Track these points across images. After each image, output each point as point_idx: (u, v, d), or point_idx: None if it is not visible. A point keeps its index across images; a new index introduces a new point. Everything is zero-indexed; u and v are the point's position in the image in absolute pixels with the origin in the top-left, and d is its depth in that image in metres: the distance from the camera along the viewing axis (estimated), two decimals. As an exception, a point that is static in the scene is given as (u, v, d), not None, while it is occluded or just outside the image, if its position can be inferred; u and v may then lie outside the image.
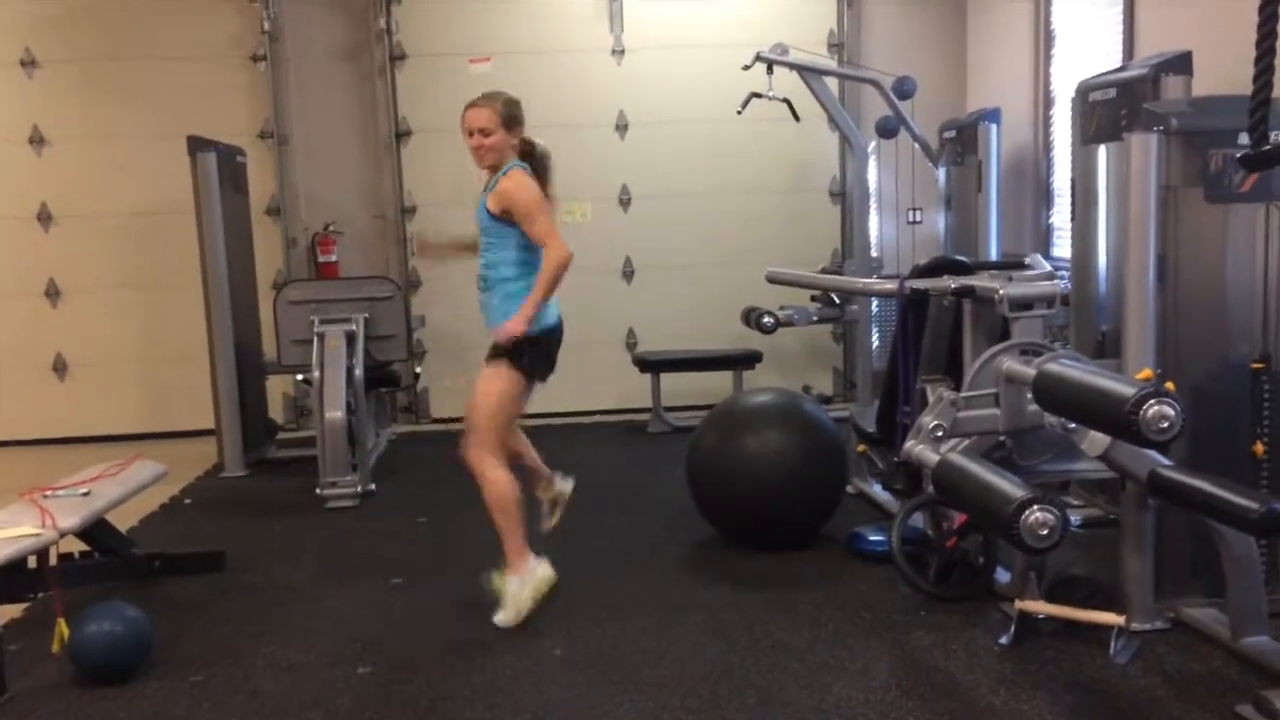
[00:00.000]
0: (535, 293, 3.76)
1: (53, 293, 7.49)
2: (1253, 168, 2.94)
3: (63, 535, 3.74)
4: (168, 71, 7.32)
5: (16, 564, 3.55)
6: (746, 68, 6.41)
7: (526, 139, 3.92)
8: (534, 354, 3.87)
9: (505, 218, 3.80)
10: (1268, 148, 2.49)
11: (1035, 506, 2.79)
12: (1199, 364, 3.66)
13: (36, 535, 3.61)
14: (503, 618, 3.84)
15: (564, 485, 4.38)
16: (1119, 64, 5.16)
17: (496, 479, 3.84)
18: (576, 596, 4.09)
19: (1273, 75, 2.45)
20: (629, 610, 4.01)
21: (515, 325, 3.75)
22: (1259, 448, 3.59)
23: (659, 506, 5.28)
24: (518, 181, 3.80)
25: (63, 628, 3.58)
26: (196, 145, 6.31)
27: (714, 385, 6.91)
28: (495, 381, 3.86)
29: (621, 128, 7.58)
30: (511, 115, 3.87)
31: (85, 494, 4.03)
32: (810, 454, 4.57)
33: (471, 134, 3.84)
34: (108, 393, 7.49)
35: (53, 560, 3.82)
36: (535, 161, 3.91)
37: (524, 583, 3.87)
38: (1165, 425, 2.72)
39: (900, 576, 4.01)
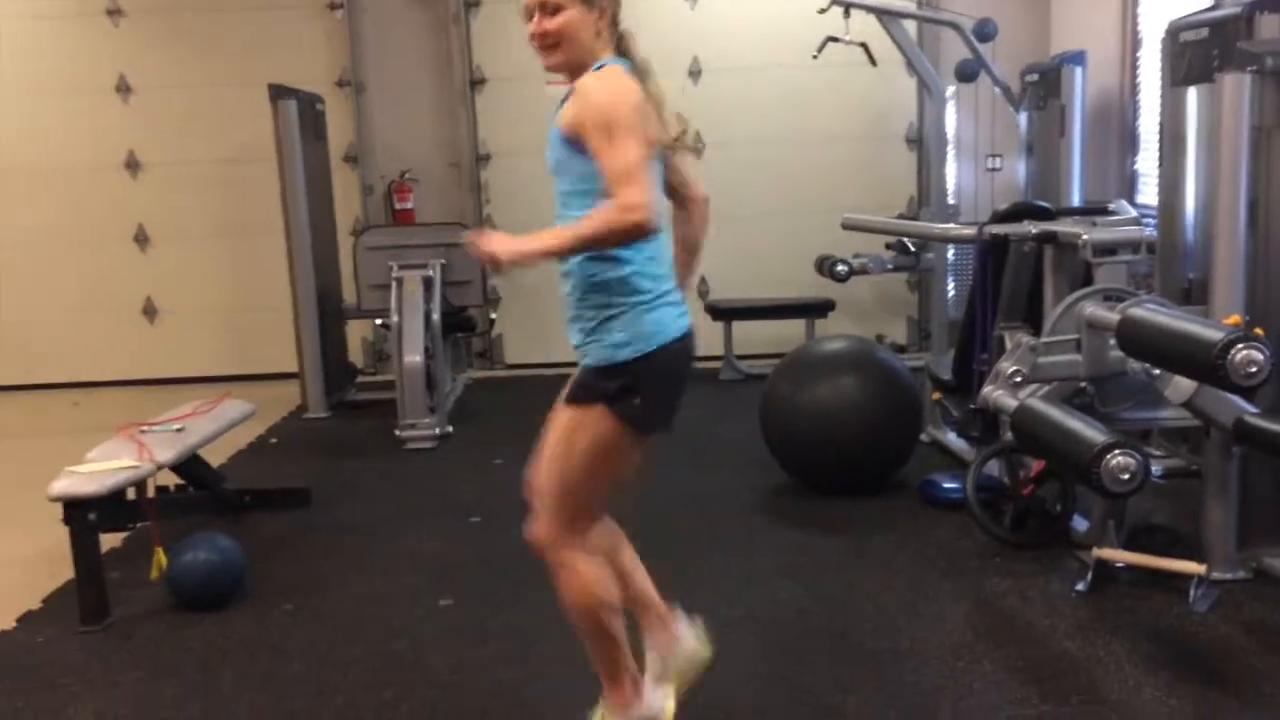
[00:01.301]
0: (560, 236, 2.27)
1: (141, 239, 7.70)
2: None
3: (159, 468, 3.90)
4: (248, 21, 7.42)
5: (116, 495, 3.71)
6: (822, 11, 6.34)
7: (625, 31, 2.50)
8: (648, 392, 2.39)
9: (577, 142, 2.33)
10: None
11: (1117, 450, 2.78)
12: (1289, 312, 3.58)
13: (135, 468, 3.77)
14: None
15: (688, 638, 2.74)
16: (1211, 3, 4.99)
17: (580, 572, 2.48)
18: (652, 538, 4.14)
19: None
20: (705, 552, 4.07)
21: (502, 246, 2.25)
22: (1349, 397, 3.51)
23: (732, 453, 5.31)
24: (604, 80, 2.34)
25: (160, 556, 3.75)
26: (277, 93, 6.42)
27: (786, 333, 6.90)
28: (578, 433, 2.42)
29: (695, 74, 7.53)
30: None
31: (179, 430, 4.19)
32: (884, 400, 4.56)
33: (531, 13, 2.42)
34: (195, 336, 7.72)
35: (150, 492, 3.99)
36: (638, 67, 2.48)
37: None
38: (1254, 370, 2.68)
39: (975, 523, 4.00)
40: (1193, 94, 4.27)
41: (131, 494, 3.85)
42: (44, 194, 7.58)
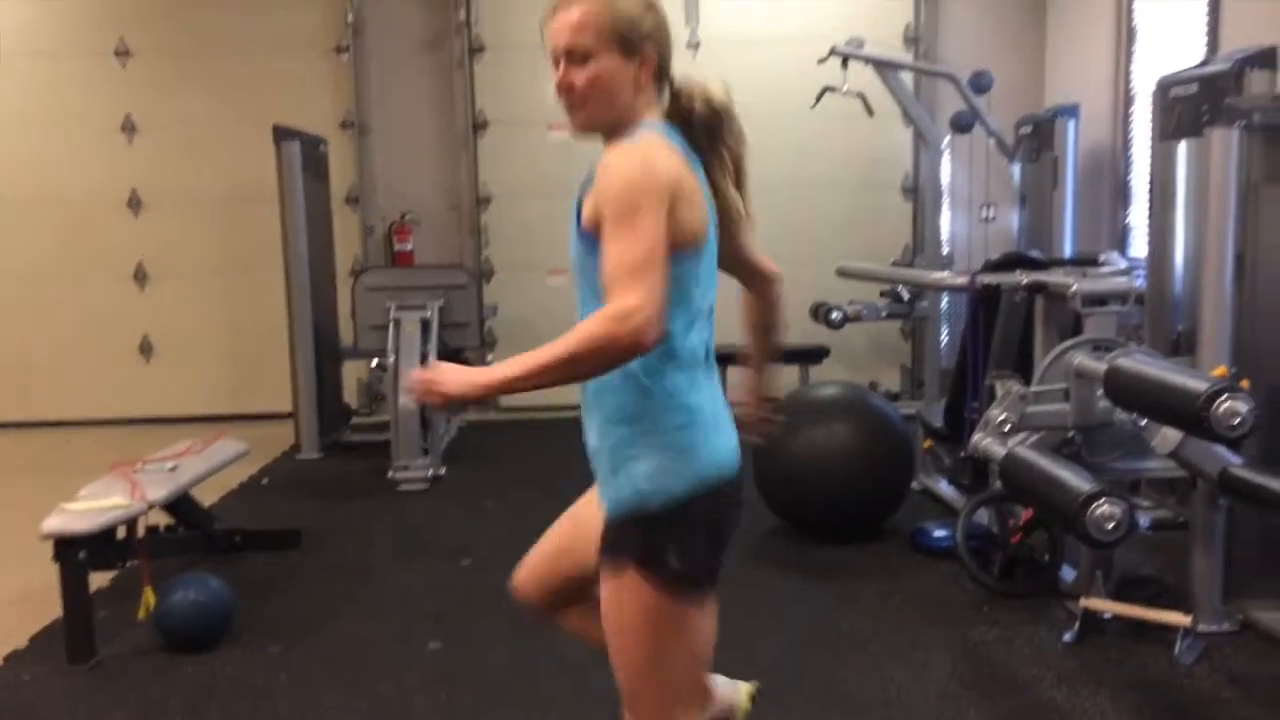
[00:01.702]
0: (525, 364, 1.77)
1: (141, 276, 7.75)
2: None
3: (150, 507, 3.89)
4: (254, 62, 7.53)
5: (107, 533, 3.70)
6: (821, 61, 6.43)
7: (681, 85, 2.01)
8: (684, 540, 1.90)
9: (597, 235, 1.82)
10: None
11: (1103, 499, 2.79)
12: (1275, 364, 3.60)
13: (126, 506, 3.77)
14: None
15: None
16: (1201, 60, 5.08)
17: None
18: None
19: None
20: (692, 597, 4.06)
21: (447, 379, 1.84)
22: (1336, 450, 3.53)
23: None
24: (630, 155, 1.83)
25: (149, 596, 3.75)
26: (281, 134, 6.50)
27: (781, 379, 6.92)
28: (623, 614, 1.92)
29: (694, 121, 7.61)
30: (630, 27, 1.90)
31: (172, 469, 4.19)
32: (876, 447, 4.58)
33: (557, 60, 1.92)
34: (191, 374, 7.74)
35: (140, 531, 3.98)
36: (699, 129, 2.00)
37: None
38: (1237, 421, 2.70)
39: (964, 571, 4.00)
40: (1182, 148, 4.34)
41: (122, 532, 3.85)
42: (45, 229, 7.65)
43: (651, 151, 1.83)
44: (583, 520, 2.09)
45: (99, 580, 4.04)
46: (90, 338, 7.74)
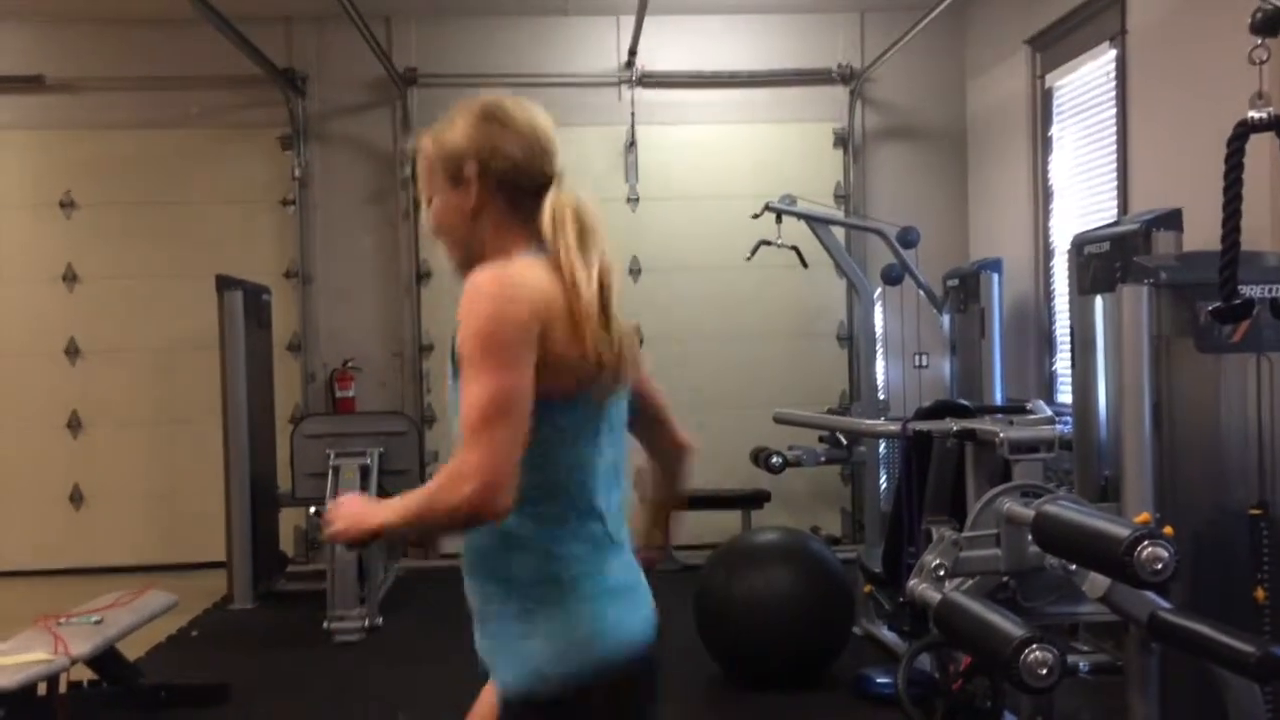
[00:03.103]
0: (384, 513, 1.73)
1: (74, 424, 7.63)
2: (1224, 320, 3.07)
3: (74, 662, 3.78)
4: (200, 214, 7.62)
5: (27, 690, 3.58)
6: (756, 216, 6.68)
7: (559, 204, 1.81)
8: None
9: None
10: (1237, 301, 2.62)
11: (1034, 645, 2.82)
12: (1197, 510, 3.71)
13: (48, 661, 3.66)
14: None
15: None
16: (1114, 218, 5.37)
17: None
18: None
19: (1239, 232, 2.60)
20: (634, 750, 3.99)
21: (344, 514, 1.77)
22: (1260, 594, 3.61)
23: (665, 643, 5.21)
24: (480, 288, 1.68)
25: (68, 757, 3.60)
26: (224, 284, 6.55)
27: (722, 524, 6.93)
28: None
29: (635, 272, 7.81)
30: (451, 156, 1.79)
31: (98, 622, 4.08)
32: (817, 593, 4.60)
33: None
34: (122, 524, 7.55)
35: (63, 687, 3.85)
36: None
37: None
38: (1159, 567, 2.77)
39: (907, 719, 3.98)
40: (1099, 302, 4.53)
41: (44, 689, 3.72)
42: (-23, 378, 7.55)
43: (512, 274, 1.65)
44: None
45: (16, 741, 3.87)
46: (19, 487, 7.54)
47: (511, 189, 1.76)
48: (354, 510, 1.73)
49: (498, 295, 1.62)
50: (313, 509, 6.78)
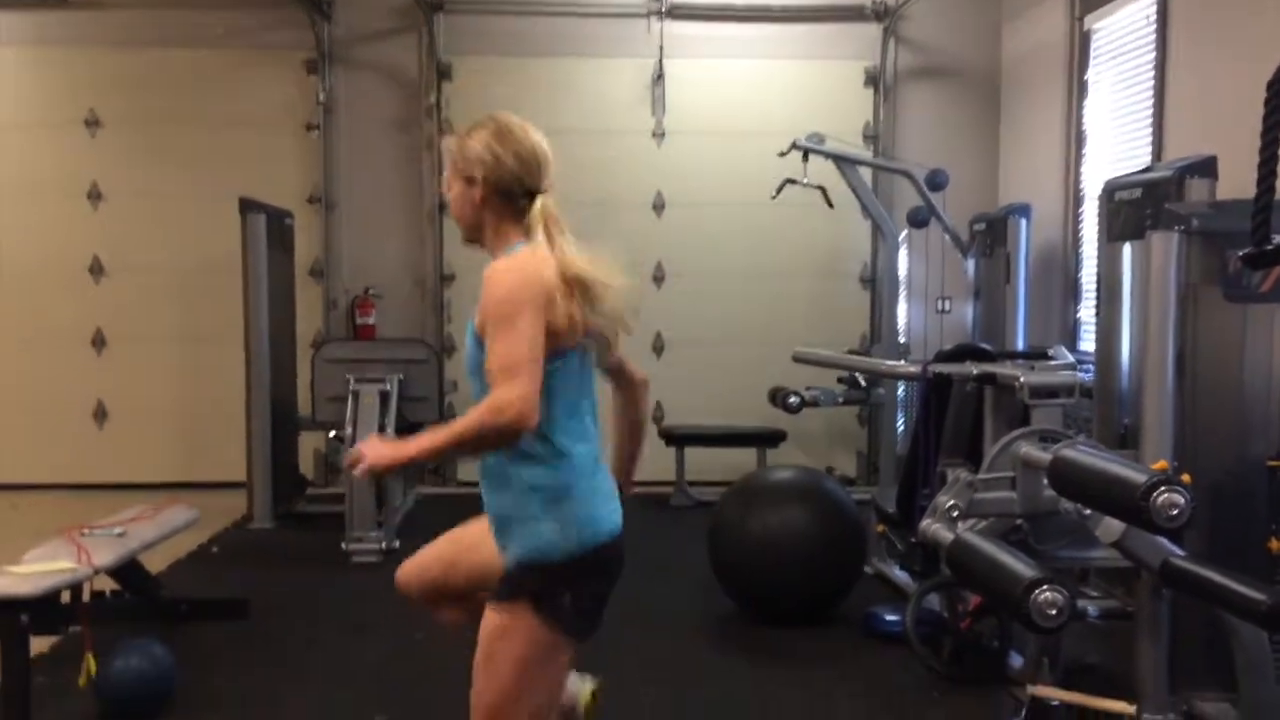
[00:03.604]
0: (431, 439, 2.19)
1: (99, 341, 7.70)
2: (1255, 266, 3.03)
3: (97, 572, 3.85)
4: (224, 135, 7.61)
5: (50, 597, 3.65)
6: (783, 155, 6.61)
7: (546, 206, 2.32)
8: (579, 589, 2.28)
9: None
10: (1269, 247, 2.58)
11: (1044, 586, 2.84)
12: (1216, 459, 3.70)
13: (72, 571, 3.72)
14: None
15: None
16: (1146, 166, 5.29)
17: None
18: (594, 661, 4.12)
19: (1276, 176, 2.55)
20: (647, 678, 4.06)
21: (374, 452, 2.20)
22: (1275, 544, 3.61)
23: (679, 578, 5.32)
24: (504, 270, 2.22)
25: (90, 663, 3.68)
26: (247, 207, 6.55)
27: (738, 462, 6.97)
28: (505, 642, 2.25)
29: (659, 207, 7.77)
30: (468, 163, 2.32)
31: (120, 534, 4.15)
32: (830, 531, 4.62)
33: None
34: (144, 441, 7.66)
35: (86, 596, 3.93)
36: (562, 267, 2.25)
37: None
38: (1175, 513, 2.77)
39: (915, 657, 4.03)
40: (1127, 249, 4.49)
41: (67, 597, 3.80)
42: (4, 291, 7.60)
43: (529, 262, 2.22)
44: (471, 545, 2.48)
45: (39, 645, 3.96)
46: (44, 402, 7.65)
47: (508, 193, 2.30)
48: (383, 446, 2.22)
49: (518, 278, 2.17)
50: (332, 433, 6.85)
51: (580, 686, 2.70)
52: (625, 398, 2.62)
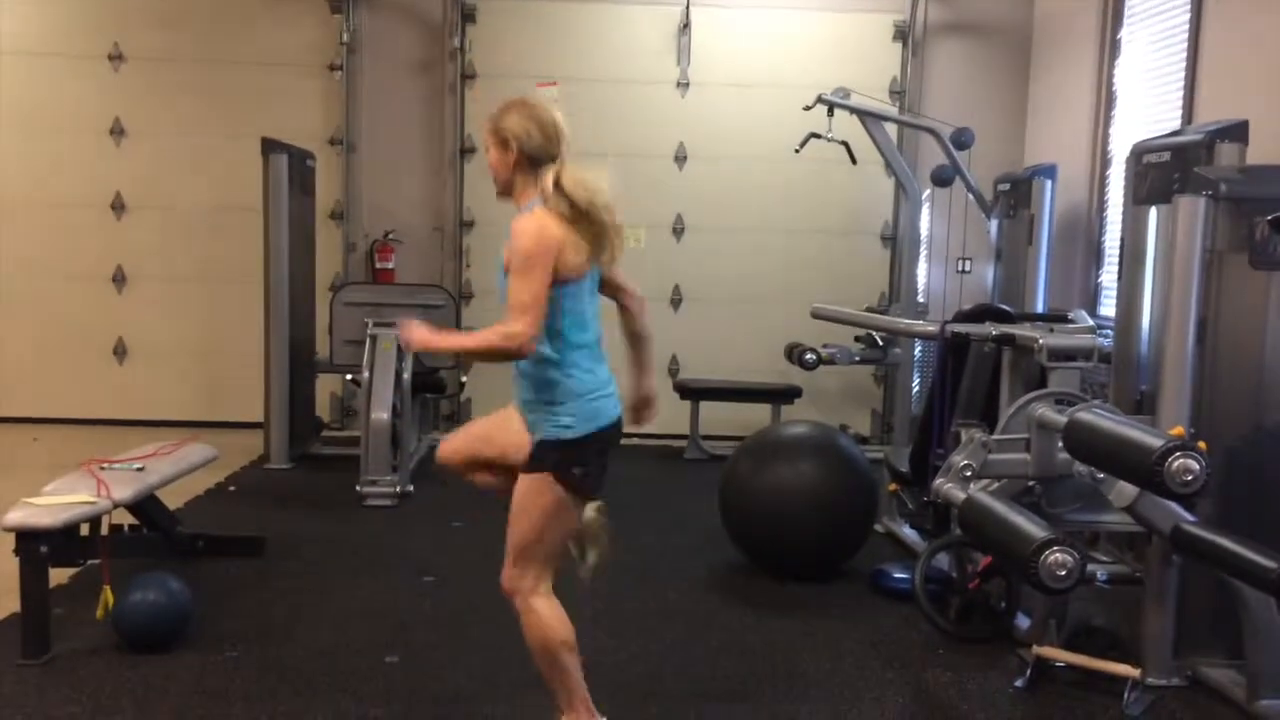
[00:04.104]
0: (461, 339, 3.21)
1: (119, 279, 7.74)
2: (1282, 229, 3.01)
3: (116, 506, 3.90)
4: (247, 74, 7.57)
5: (70, 529, 3.71)
6: (808, 108, 6.55)
7: (560, 172, 2.89)
8: (585, 463, 2.93)
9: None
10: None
11: (1055, 547, 2.85)
12: (1233, 427, 3.69)
13: (92, 504, 3.77)
14: None
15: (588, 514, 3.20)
16: (1176, 129, 5.21)
17: (538, 612, 2.95)
18: (605, 609, 4.18)
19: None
20: (653, 626, 4.10)
21: (418, 332, 2.94)
22: (1288, 513, 3.61)
23: (690, 530, 5.35)
24: (524, 224, 2.85)
25: (108, 595, 3.74)
26: (270, 147, 6.54)
27: (752, 417, 6.98)
28: (533, 498, 2.92)
29: (681, 159, 7.72)
30: (500, 131, 2.93)
31: (140, 469, 4.19)
32: (842, 487, 4.63)
33: None
34: (163, 379, 7.72)
35: (104, 530, 3.98)
36: (579, 210, 2.87)
37: None
38: (1189, 479, 2.77)
39: (922, 614, 4.05)
40: (1153, 213, 4.44)
41: (85, 530, 3.85)
42: (25, 228, 7.63)
43: (543, 224, 2.85)
44: (501, 426, 3.09)
45: (58, 577, 4.02)
46: (64, 338, 7.71)
47: (534, 159, 2.92)
48: (424, 331, 2.94)
49: (535, 239, 2.83)
50: (349, 376, 6.88)
51: (588, 513, 3.17)
52: (627, 314, 3.17)
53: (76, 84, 7.58)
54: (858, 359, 7.09)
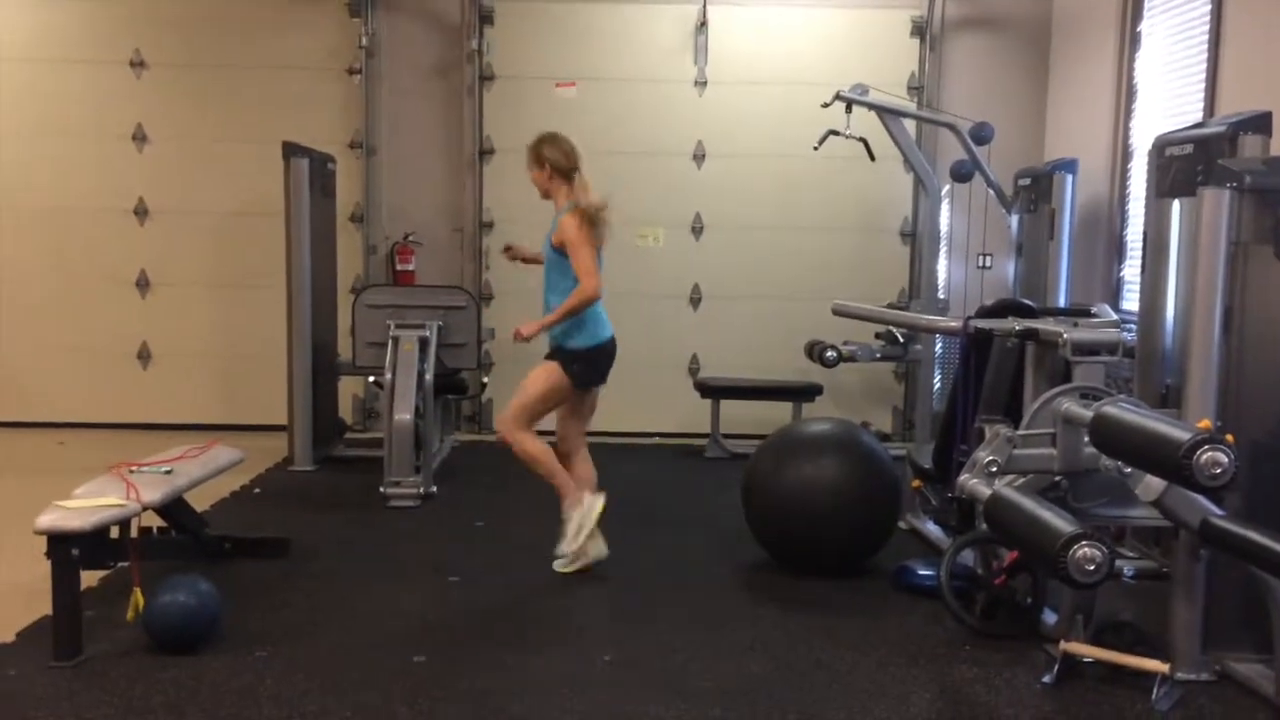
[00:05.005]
0: (555, 313, 4.52)
1: (143, 283, 7.80)
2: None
3: (145, 509, 3.93)
4: (267, 79, 7.62)
5: (100, 532, 3.74)
6: (826, 105, 6.54)
7: (580, 184, 4.58)
8: (583, 366, 4.58)
9: (561, 250, 4.55)
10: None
11: (1084, 541, 2.84)
12: (1260, 420, 3.67)
13: (121, 506, 3.81)
14: (561, 563, 4.59)
15: (592, 502, 4.59)
16: (1198, 121, 5.18)
17: (524, 441, 4.54)
18: (628, 607, 4.19)
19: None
20: (678, 623, 4.11)
21: (527, 328, 4.56)
22: (1317, 507, 3.58)
23: (713, 528, 5.36)
24: (568, 221, 4.52)
25: (138, 597, 3.78)
26: (291, 151, 6.58)
27: (773, 415, 6.97)
28: (544, 376, 4.58)
29: (699, 158, 7.72)
30: (539, 155, 4.63)
31: (168, 472, 4.23)
32: (865, 484, 4.63)
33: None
34: (187, 383, 7.78)
35: (134, 532, 4.02)
36: (593, 213, 4.53)
37: (580, 522, 4.53)
38: (1218, 471, 2.76)
39: (947, 611, 4.05)
40: (1176, 206, 4.42)
41: (116, 532, 3.89)
42: (50, 233, 7.70)
43: (574, 219, 4.53)
44: (575, 410, 4.78)
45: (88, 580, 4.07)
46: (89, 342, 7.77)
47: (563, 173, 4.61)
48: (526, 326, 4.56)
49: (576, 230, 4.50)
50: (372, 378, 6.92)
51: (595, 502, 4.58)
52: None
53: (98, 90, 7.65)
54: (879, 356, 7.07)
